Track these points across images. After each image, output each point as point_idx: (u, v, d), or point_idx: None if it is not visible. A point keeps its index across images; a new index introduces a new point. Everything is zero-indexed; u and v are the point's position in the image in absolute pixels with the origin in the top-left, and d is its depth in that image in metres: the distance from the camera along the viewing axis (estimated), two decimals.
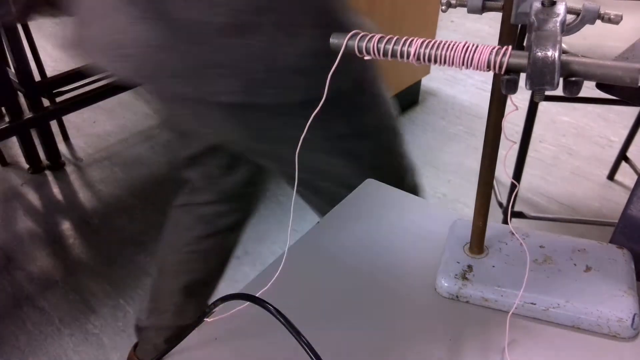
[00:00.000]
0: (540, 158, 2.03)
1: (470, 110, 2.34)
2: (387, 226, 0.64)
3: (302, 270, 0.59)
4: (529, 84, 0.36)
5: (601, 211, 1.79)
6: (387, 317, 0.53)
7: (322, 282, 0.57)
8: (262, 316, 0.46)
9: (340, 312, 0.54)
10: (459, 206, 1.82)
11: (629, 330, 0.49)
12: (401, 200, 0.69)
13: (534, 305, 0.51)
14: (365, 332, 0.52)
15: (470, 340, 0.51)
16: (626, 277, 0.53)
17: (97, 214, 1.81)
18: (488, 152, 0.50)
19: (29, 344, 1.39)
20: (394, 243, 0.62)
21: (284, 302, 0.55)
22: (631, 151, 1.82)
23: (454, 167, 2.00)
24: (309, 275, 0.58)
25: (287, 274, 0.58)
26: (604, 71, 0.36)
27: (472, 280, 0.54)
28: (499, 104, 0.47)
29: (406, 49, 0.40)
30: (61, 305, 1.50)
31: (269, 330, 0.50)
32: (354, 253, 0.61)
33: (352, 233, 0.64)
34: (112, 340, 1.41)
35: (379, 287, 0.57)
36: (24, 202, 1.88)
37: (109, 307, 1.50)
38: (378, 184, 0.70)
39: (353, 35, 0.41)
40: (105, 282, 1.57)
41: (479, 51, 0.38)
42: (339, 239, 0.63)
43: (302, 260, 0.60)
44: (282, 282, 0.57)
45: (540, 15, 0.38)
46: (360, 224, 0.63)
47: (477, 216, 0.54)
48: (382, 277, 0.58)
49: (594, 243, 0.58)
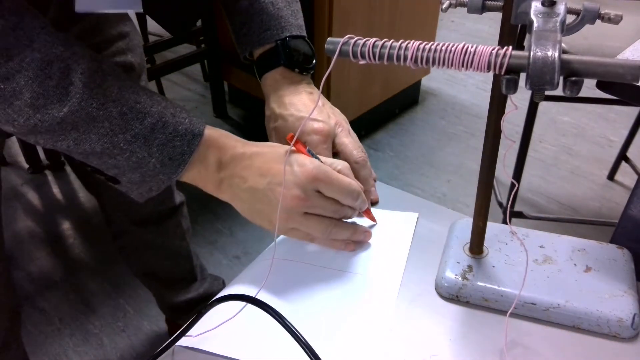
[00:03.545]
0: (540, 158, 2.03)
1: (470, 110, 2.34)
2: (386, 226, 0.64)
3: (295, 270, 0.59)
4: (529, 84, 0.36)
5: (601, 211, 1.79)
6: (386, 316, 0.53)
7: (318, 282, 0.57)
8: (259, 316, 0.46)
9: (338, 313, 0.54)
10: (459, 206, 1.82)
11: (629, 330, 0.49)
12: (401, 200, 0.68)
13: (534, 305, 0.51)
14: (364, 332, 0.52)
15: (470, 340, 0.51)
16: (626, 277, 0.53)
17: (97, 214, 1.80)
18: (488, 152, 0.50)
19: (29, 344, 1.39)
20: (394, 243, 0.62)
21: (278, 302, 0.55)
22: (631, 151, 1.82)
23: (454, 167, 2.00)
24: (303, 274, 0.58)
25: (279, 273, 0.59)
26: (605, 69, 0.36)
27: (472, 280, 0.54)
28: (499, 104, 0.47)
29: (402, 53, 0.39)
30: (61, 305, 1.50)
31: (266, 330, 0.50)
32: (354, 252, 0.61)
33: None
34: (112, 340, 1.41)
35: (379, 287, 0.57)
36: (24, 202, 1.88)
37: (109, 307, 1.50)
38: (379, 185, 0.70)
39: (347, 40, 0.40)
40: (105, 282, 1.57)
41: (479, 52, 0.38)
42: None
43: (294, 259, 0.60)
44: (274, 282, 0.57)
45: (540, 15, 0.38)
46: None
47: (477, 216, 0.54)
48: (382, 277, 0.58)
49: (594, 243, 0.58)
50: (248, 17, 0.68)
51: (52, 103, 0.48)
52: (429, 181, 1.94)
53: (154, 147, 0.53)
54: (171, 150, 0.53)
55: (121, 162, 0.53)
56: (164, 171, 0.54)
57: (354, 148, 0.65)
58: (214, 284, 1.27)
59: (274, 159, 0.56)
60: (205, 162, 0.56)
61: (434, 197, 1.86)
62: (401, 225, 0.64)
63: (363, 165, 0.65)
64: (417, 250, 0.61)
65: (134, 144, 0.52)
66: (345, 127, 0.67)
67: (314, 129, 0.64)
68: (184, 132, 0.54)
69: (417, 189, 1.90)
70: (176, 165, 0.54)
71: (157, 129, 0.53)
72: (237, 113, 2.35)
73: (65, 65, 0.49)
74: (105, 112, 0.50)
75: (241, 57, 0.71)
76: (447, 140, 2.16)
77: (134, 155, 0.52)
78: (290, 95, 0.67)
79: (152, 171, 0.54)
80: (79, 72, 0.49)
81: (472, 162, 2.02)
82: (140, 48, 0.87)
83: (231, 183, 0.56)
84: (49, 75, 0.48)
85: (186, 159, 0.54)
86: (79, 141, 0.51)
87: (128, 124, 0.51)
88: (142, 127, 0.52)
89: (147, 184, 0.55)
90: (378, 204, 0.68)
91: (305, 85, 0.68)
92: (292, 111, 0.65)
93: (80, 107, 0.49)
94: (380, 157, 2.05)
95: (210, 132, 0.56)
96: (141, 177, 0.54)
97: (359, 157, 0.65)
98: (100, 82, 0.51)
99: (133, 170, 0.54)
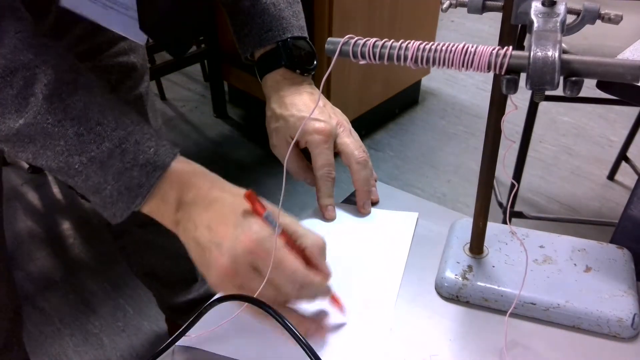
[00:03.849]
0: (540, 158, 2.03)
1: (470, 110, 2.34)
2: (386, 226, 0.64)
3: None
4: (529, 84, 0.36)
5: (601, 211, 1.79)
6: (386, 317, 0.53)
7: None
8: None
9: (337, 313, 0.54)
10: (458, 206, 1.82)
11: (629, 330, 0.49)
12: (401, 200, 0.68)
13: (534, 305, 0.51)
14: (364, 332, 0.52)
15: (470, 340, 0.51)
16: (626, 277, 0.53)
17: (97, 214, 1.80)
18: (488, 152, 0.50)
19: (29, 344, 1.39)
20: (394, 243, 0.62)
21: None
22: (631, 151, 1.82)
23: (454, 167, 2.00)
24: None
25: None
26: (605, 69, 0.36)
27: (472, 280, 0.54)
28: (499, 104, 0.47)
29: (402, 53, 0.39)
30: (61, 305, 1.50)
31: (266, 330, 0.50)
32: (354, 252, 0.61)
33: (352, 232, 0.64)
34: (112, 340, 1.41)
35: (379, 287, 0.57)
36: (24, 202, 1.88)
37: (109, 307, 1.50)
38: (379, 185, 0.70)
39: (347, 40, 0.40)
40: (105, 282, 1.57)
41: (479, 52, 0.38)
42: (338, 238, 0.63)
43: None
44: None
45: (540, 15, 0.38)
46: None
47: (477, 216, 0.54)
48: (382, 277, 0.58)
49: (594, 243, 0.58)
50: (249, 17, 0.68)
51: (9, 112, 0.46)
52: (429, 181, 1.94)
53: (110, 175, 0.50)
54: (128, 180, 0.50)
55: (79, 183, 0.51)
56: (121, 199, 0.51)
57: (355, 148, 0.65)
58: None
59: (227, 214, 0.49)
60: (165, 198, 0.51)
61: (434, 197, 1.86)
62: (401, 225, 0.64)
63: (364, 166, 0.64)
64: (417, 250, 0.61)
65: (89, 168, 0.49)
66: (347, 127, 0.67)
67: (315, 128, 0.63)
68: (144, 162, 0.50)
69: (417, 189, 1.90)
70: (134, 196, 0.50)
71: (115, 155, 0.49)
72: (237, 113, 2.35)
73: (31, 74, 0.47)
74: (61, 129, 0.48)
75: (242, 57, 0.71)
76: (447, 140, 2.16)
77: (89, 179, 0.50)
78: (292, 96, 0.67)
79: (110, 198, 0.51)
80: (44, 82, 0.47)
81: (472, 162, 2.02)
82: (143, 49, 0.87)
83: (185, 227, 0.51)
84: (10, 83, 0.46)
85: (144, 192, 0.50)
86: (37, 155, 0.49)
87: (84, 145, 0.49)
88: (98, 152, 0.49)
89: (109, 209, 0.52)
90: (378, 204, 0.68)
91: (306, 85, 0.68)
92: (293, 111, 0.65)
93: (36, 121, 0.47)
94: (380, 157, 2.05)
95: (179, 167, 0.52)
96: (102, 202, 0.52)
97: (360, 157, 0.64)
98: (64, 96, 0.48)
99: (92, 193, 0.51)
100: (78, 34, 0.72)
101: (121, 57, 0.81)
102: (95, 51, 0.76)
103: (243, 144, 2.16)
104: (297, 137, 0.64)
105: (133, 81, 0.83)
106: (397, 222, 0.65)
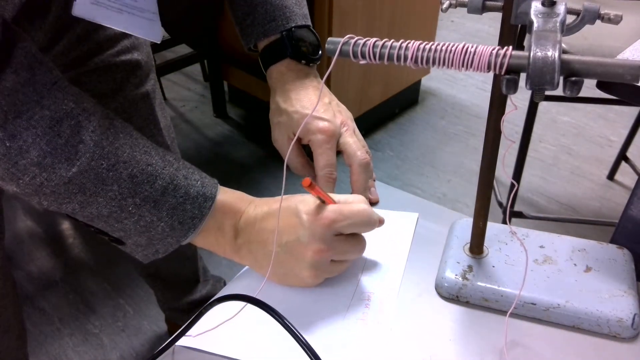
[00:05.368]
0: (540, 158, 2.03)
1: (470, 110, 2.34)
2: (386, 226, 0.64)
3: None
4: (529, 84, 0.36)
5: (601, 211, 1.79)
6: (386, 317, 0.53)
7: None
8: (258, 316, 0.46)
9: (337, 313, 0.54)
10: (459, 206, 1.82)
11: (629, 330, 0.49)
12: (401, 200, 0.68)
13: (534, 305, 0.51)
14: (363, 332, 0.52)
15: (470, 340, 0.51)
16: (626, 277, 0.53)
17: None
18: (488, 153, 0.50)
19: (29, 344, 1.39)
20: (394, 243, 0.62)
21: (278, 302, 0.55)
22: (631, 151, 1.82)
23: (454, 167, 2.00)
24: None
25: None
26: (605, 69, 0.36)
27: (472, 280, 0.54)
28: (499, 104, 0.47)
29: (402, 53, 0.39)
30: (61, 305, 1.50)
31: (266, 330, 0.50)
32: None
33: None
34: (112, 340, 1.41)
35: (379, 287, 0.57)
36: (24, 202, 1.88)
37: (109, 307, 1.50)
38: (379, 185, 0.70)
39: (347, 40, 0.40)
40: (105, 282, 1.57)
41: (479, 52, 0.38)
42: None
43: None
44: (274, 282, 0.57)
45: (540, 16, 0.38)
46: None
47: (477, 216, 0.54)
48: (382, 277, 0.58)
49: (594, 243, 0.58)
50: (252, 7, 0.66)
51: (59, 162, 0.46)
52: (429, 181, 1.94)
53: (164, 211, 0.51)
54: (181, 214, 0.52)
55: (128, 225, 0.51)
56: (173, 234, 0.52)
57: (357, 149, 0.64)
58: (217, 286, 1.27)
59: (284, 215, 0.53)
60: (222, 227, 0.54)
61: (434, 197, 1.86)
62: (401, 225, 0.64)
63: (365, 168, 0.63)
64: (417, 250, 0.61)
65: (142, 208, 0.50)
66: (351, 126, 0.66)
67: (319, 128, 0.63)
68: (195, 195, 0.52)
69: (417, 189, 1.90)
70: (186, 230, 0.52)
71: (168, 192, 0.51)
72: (237, 113, 2.35)
73: (76, 123, 0.47)
74: (115, 173, 0.49)
75: (245, 48, 0.70)
76: (447, 140, 2.16)
77: (142, 219, 0.51)
78: (297, 90, 0.65)
79: (160, 235, 0.52)
80: (90, 129, 0.48)
81: (472, 162, 2.02)
82: (147, 46, 0.87)
83: (250, 249, 0.55)
84: (58, 133, 0.46)
85: (197, 223, 0.53)
86: (85, 204, 0.49)
87: (138, 187, 0.50)
88: (152, 190, 0.50)
89: (153, 247, 0.54)
90: (378, 204, 0.68)
91: (312, 78, 0.67)
92: (297, 107, 0.64)
93: (90, 167, 0.47)
94: (380, 157, 2.05)
95: (223, 196, 0.55)
96: (148, 240, 0.53)
97: (362, 159, 0.63)
98: (112, 140, 0.49)
99: (140, 233, 0.52)
100: (78, 33, 0.72)
101: (124, 55, 0.81)
102: (96, 50, 0.76)
103: (243, 144, 2.16)
104: (299, 134, 0.63)
105: (138, 79, 0.83)
106: (397, 222, 0.65)
